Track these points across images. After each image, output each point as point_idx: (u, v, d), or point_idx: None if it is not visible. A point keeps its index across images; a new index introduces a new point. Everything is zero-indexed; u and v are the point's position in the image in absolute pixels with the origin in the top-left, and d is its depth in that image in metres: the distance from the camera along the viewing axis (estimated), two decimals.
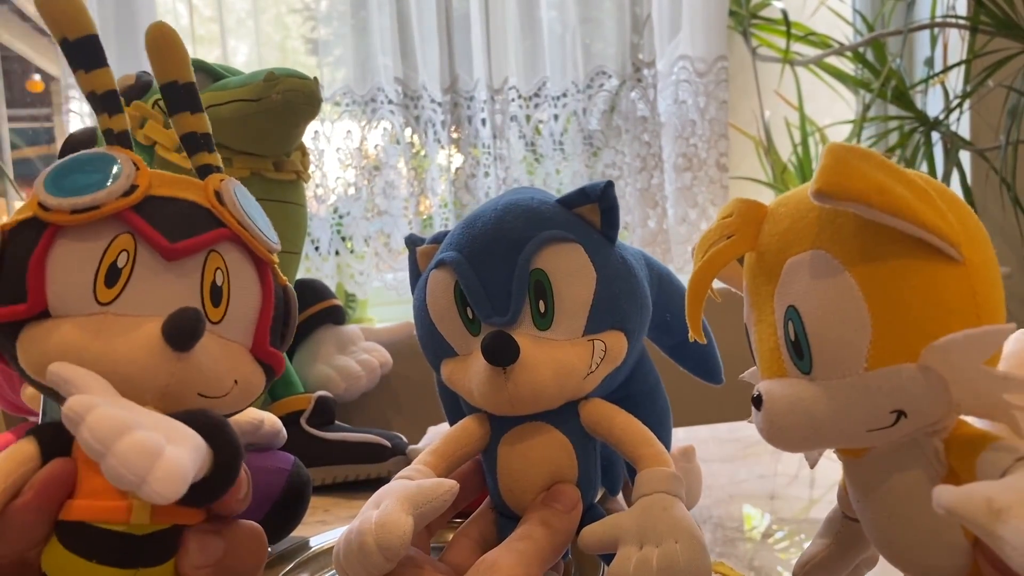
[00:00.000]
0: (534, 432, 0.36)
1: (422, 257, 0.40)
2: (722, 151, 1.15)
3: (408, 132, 1.07)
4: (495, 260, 0.35)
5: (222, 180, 0.32)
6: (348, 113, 1.06)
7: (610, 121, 1.13)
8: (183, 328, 0.28)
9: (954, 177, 1.11)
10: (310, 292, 0.83)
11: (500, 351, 0.33)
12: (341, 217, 1.06)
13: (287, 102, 0.64)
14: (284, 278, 0.35)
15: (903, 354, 0.25)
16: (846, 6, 1.25)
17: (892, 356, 0.25)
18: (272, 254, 0.34)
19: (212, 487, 0.27)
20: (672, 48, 1.15)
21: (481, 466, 0.38)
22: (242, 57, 1.08)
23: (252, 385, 0.32)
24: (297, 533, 0.53)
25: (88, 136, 0.64)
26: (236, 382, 0.31)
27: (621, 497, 0.44)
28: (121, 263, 0.29)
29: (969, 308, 0.25)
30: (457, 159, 1.10)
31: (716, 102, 1.14)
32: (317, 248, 1.05)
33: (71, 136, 0.66)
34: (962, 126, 1.20)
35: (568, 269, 0.35)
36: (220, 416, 0.29)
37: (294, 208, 0.72)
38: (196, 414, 0.28)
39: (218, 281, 0.31)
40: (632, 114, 1.13)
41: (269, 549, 0.50)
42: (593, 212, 0.36)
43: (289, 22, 1.17)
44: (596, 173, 1.13)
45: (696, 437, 0.78)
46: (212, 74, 0.69)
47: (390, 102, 1.06)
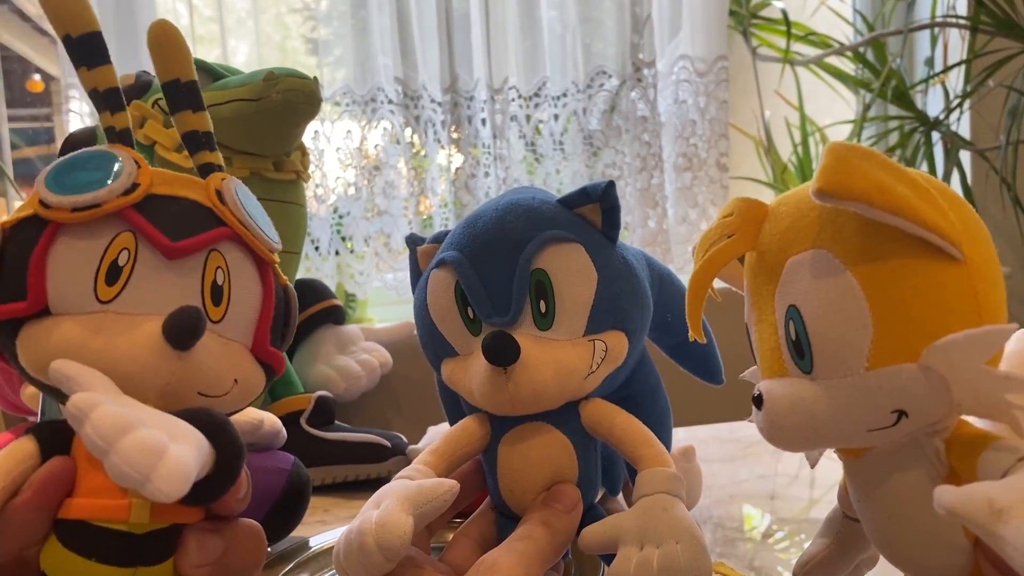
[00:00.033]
0: (535, 432, 0.36)
1: (423, 257, 0.40)
2: (722, 151, 1.15)
3: (408, 132, 1.07)
4: (496, 260, 0.35)
5: (223, 179, 0.32)
6: (348, 113, 1.06)
7: (610, 121, 1.13)
8: (183, 327, 0.28)
9: (954, 177, 1.11)
10: (310, 292, 0.83)
11: (501, 351, 0.33)
12: (341, 217, 1.06)
13: (287, 102, 0.64)
14: (285, 278, 0.35)
15: (904, 354, 0.25)
16: (846, 6, 1.25)
17: (893, 356, 0.25)
18: (273, 254, 0.34)
19: (214, 486, 0.27)
20: (672, 48, 1.15)
21: (481, 466, 0.38)
22: (242, 57, 1.08)
23: (252, 384, 0.32)
24: (297, 533, 0.53)
25: (88, 135, 0.64)
26: (236, 381, 0.31)
27: (621, 497, 0.44)
28: (122, 261, 0.29)
29: (970, 308, 0.25)
30: (457, 159, 1.10)
31: (716, 102, 1.14)
32: (317, 248, 1.04)
33: (71, 135, 0.66)
34: (962, 126, 1.19)
35: (569, 269, 0.35)
36: (222, 415, 0.29)
37: (294, 208, 0.72)
38: (198, 412, 0.28)
39: (219, 280, 0.31)
40: (632, 114, 1.12)
41: (269, 549, 0.50)
42: (594, 212, 0.36)
43: (289, 22, 1.17)
44: (596, 173, 1.13)
45: (696, 437, 0.78)
46: (212, 74, 0.69)
47: (390, 102, 1.06)
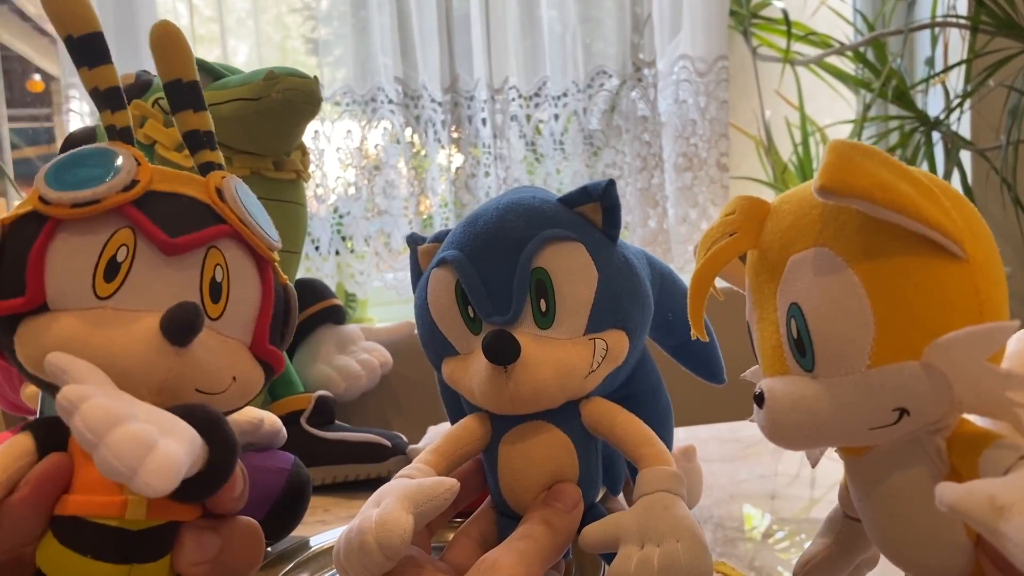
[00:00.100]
0: (535, 431, 0.35)
1: (423, 256, 0.40)
2: (723, 151, 1.15)
3: (408, 132, 1.07)
4: (496, 259, 0.35)
5: (223, 177, 0.32)
6: (348, 113, 1.05)
7: (610, 121, 1.13)
8: (181, 323, 0.28)
9: (955, 177, 1.11)
10: (310, 292, 0.83)
11: (501, 350, 0.33)
12: (341, 217, 1.06)
13: (287, 101, 0.64)
14: (284, 276, 0.35)
15: (906, 351, 0.25)
16: (847, 6, 1.25)
17: (895, 353, 0.25)
18: (272, 252, 0.34)
19: (206, 482, 0.27)
20: (672, 48, 1.15)
21: (482, 465, 0.38)
22: (242, 57, 1.08)
23: (251, 382, 0.32)
24: (297, 533, 0.53)
25: (88, 135, 0.64)
26: (234, 379, 0.31)
27: (622, 496, 0.44)
28: (121, 257, 0.29)
29: (972, 305, 0.25)
30: (457, 159, 1.10)
31: (716, 102, 1.14)
32: (317, 248, 1.04)
33: (71, 135, 0.66)
34: (963, 126, 1.19)
35: (570, 268, 0.35)
36: (217, 412, 0.29)
37: (294, 207, 0.72)
38: (194, 409, 0.28)
39: (217, 277, 0.31)
40: (632, 114, 1.12)
41: (269, 548, 0.50)
42: (595, 211, 0.36)
43: (289, 22, 1.17)
44: (596, 173, 1.12)
45: (697, 437, 0.78)
46: (212, 73, 0.69)
47: (390, 102, 1.05)
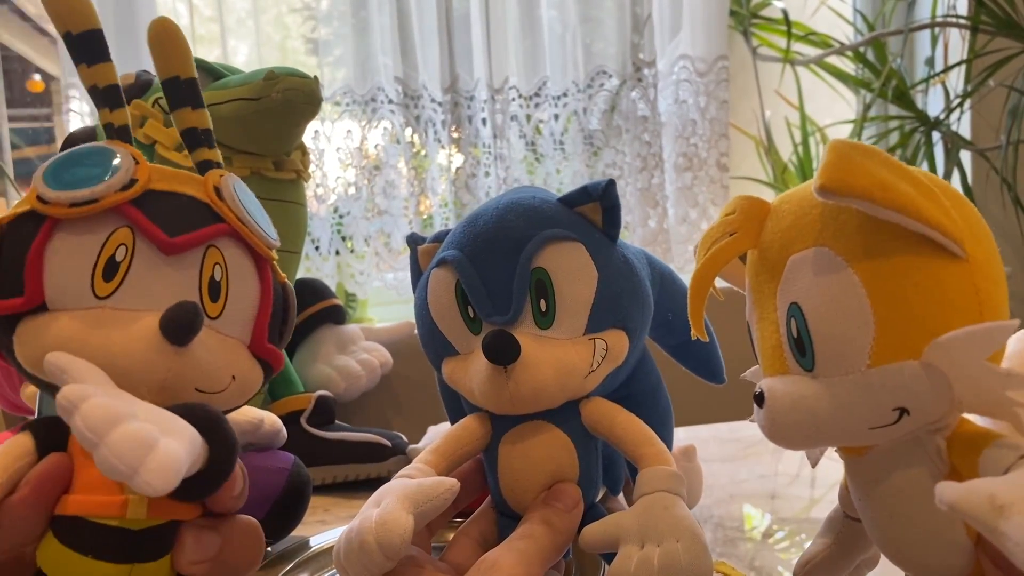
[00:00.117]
0: (535, 431, 0.35)
1: (423, 256, 0.40)
2: (723, 151, 1.15)
3: (408, 132, 1.07)
4: (496, 259, 0.35)
5: (222, 175, 0.32)
6: (348, 113, 1.05)
7: (610, 121, 1.13)
8: (181, 322, 0.28)
9: (955, 177, 1.11)
10: (310, 292, 0.83)
11: (501, 350, 0.33)
12: (341, 217, 1.06)
13: (287, 101, 0.64)
14: (283, 275, 0.35)
15: (906, 351, 0.25)
16: (847, 6, 1.25)
17: (895, 353, 0.25)
18: (271, 250, 0.33)
19: (206, 481, 0.27)
20: (672, 48, 1.15)
21: (482, 465, 0.38)
22: (242, 57, 1.08)
23: (250, 381, 0.32)
24: (297, 533, 0.53)
25: (88, 134, 0.64)
26: (234, 378, 0.31)
27: (622, 496, 0.44)
28: (119, 257, 0.29)
29: (972, 305, 0.25)
30: (457, 159, 1.10)
31: (716, 102, 1.14)
32: (317, 248, 1.04)
33: (71, 135, 0.66)
34: (963, 126, 1.19)
35: (569, 268, 0.35)
36: (217, 411, 0.28)
37: (294, 207, 0.72)
38: (194, 408, 0.28)
39: (216, 276, 0.31)
40: (632, 114, 1.12)
41: (269, 548, 0.50)
42: (595, 211, 0.36)
43: (289, 22, 1.17)
44: (596, 173, 1.12)
45: (697, 437, 0.78)
46: (212, 73, 0.69)
47: (390, 102, 1.05)
